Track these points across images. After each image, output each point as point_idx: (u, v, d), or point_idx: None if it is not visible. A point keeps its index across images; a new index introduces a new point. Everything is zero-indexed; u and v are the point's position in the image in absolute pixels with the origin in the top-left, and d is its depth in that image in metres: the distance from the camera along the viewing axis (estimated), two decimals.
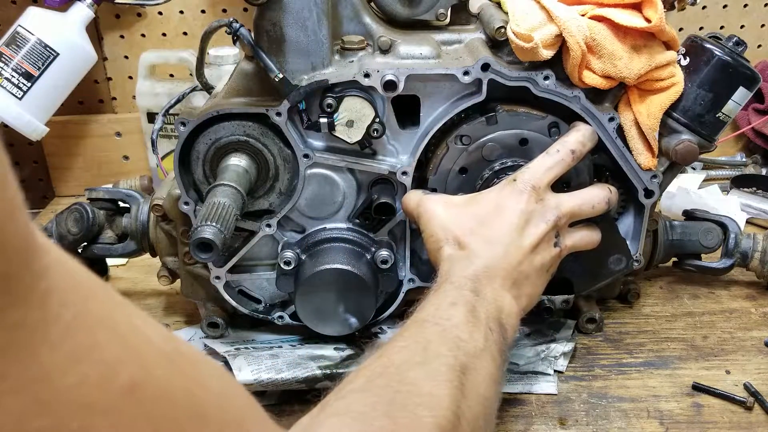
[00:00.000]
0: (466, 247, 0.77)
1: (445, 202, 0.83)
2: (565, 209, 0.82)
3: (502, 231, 0.78)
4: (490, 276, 0.74)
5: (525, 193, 0.80)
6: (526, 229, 0.79)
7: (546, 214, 0.80)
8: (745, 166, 1.49)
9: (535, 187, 0.80)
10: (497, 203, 0.80)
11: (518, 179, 0.81)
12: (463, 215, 0.80)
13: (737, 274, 1.10)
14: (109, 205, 1.00)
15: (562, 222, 0.81)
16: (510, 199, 0.80)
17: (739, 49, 0.88)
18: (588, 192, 0.85)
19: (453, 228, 0.79)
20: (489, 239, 0.77)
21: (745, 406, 0.85)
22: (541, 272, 0.80)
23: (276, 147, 0.86)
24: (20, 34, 1.25)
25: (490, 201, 0.81)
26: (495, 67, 0.84)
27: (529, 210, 0.79)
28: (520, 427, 0.83)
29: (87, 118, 1.50)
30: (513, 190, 0.80)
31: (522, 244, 0.78)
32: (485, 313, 0.70)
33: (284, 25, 0.82)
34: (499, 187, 0.82)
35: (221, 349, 0.90)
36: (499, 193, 0.81)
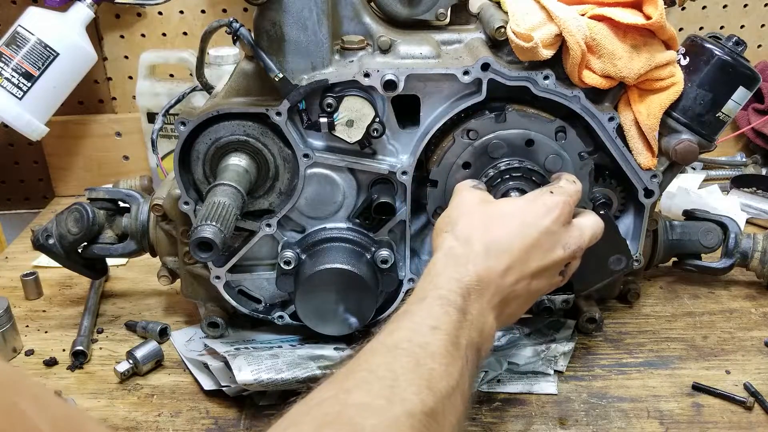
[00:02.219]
0: (469, 246, 0.72)
1: (482, 198, 0.79)
2: (586, 240, 0.77)
3: (513, 243, 0.72)
4: (482, 290, 0.69)
5: (556, 211, 0.74)
6: (539, 251, 0.73)
7: (568, 241, 0.75)
8: (745, 166, 1.49)
9: (569, 209, 0.75)
10: (526, 211, 0.74)
11: (555, 192, 0.76)
12: (485, 211, 0.76)
13: (737, 274, 1.10)
14: (109, 205, 1.00)
15: (578, 254, 0.77)
16: (539, 212, 0.74)
17: (739, 49, 0.88)
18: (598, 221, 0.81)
19: (468, 218, 0.75)
20: (496, 247, 0.71)
21: (745, 406, 0.85)
22: (533, 297, 0.76)
23: (276, 147, 0.86)
24: (20, 34, 1.26)
25: (517, 208, 0.76)
26: (495, 67, 0.84)
27: (552, 231, 0.73)
28: (520, 427, 0.83)
29: (87, 118, 1.50)
30: (545, 203, 0.75)
31: (528, 266, 0.72)
32: (467, 339, 0.64)
33: (284, 25, 0.82)
34: (531, 196, 0.78)
35: (221, 349, 0.90)
36: (531, 201, 0.76)
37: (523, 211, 0.75)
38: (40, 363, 0.96)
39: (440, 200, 0.89)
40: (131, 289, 1.15)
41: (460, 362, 0.62)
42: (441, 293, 0.66)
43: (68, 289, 1.15)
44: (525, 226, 0.73)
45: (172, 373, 0.94)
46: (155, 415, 0.86)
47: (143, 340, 0.98)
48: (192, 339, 0.99)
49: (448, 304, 0.65)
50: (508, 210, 0.76)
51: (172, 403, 0.88)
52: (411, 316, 0.65)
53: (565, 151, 0.87)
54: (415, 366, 0.58)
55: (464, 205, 0.77)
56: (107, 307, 1.10)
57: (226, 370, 0.86)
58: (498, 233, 0.72)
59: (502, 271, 0.70)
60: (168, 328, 1.00)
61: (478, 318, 0.67)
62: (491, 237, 0.72)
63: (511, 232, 0.73)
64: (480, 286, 0.69)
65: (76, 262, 1.00)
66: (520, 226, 0.73)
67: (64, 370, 0.95)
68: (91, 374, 0.94)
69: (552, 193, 0.76)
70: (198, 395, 0.90)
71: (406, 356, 0.59)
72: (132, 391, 0.91)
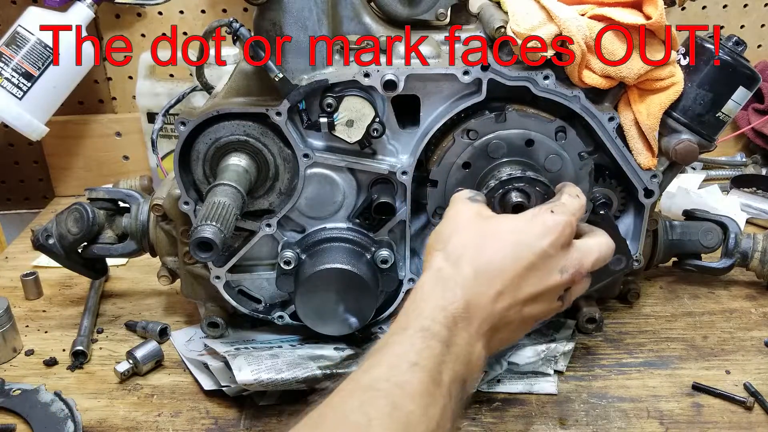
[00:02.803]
0: (459, 268, 0.67)
1: (478, 212, 0.74)
2: (588, 265, 0.72)
3: (506, 266, 0.67)
4: (469, 318, 0.64)
5: (555, 233, 0.69)
6: (534, 275, 0.68)
7: (566, 265, 0.70)
8: (745, 166, 1.49)
9: (570, 230, 0.70)
10: (522, 231, 0.69)
11: (556, 211, 0.71)
12: (479, 228, 0.71)
13: (737, 274, 1.10)
14: (109, 205, 1.00)
15: (578, 280, 0.71)
16: (536, 233, 0.69)
17: (739, 49, 0.88)
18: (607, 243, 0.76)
19: (460, 236, 0.70)
20: (487, 270, 0.67)
21: (745, 406, 0.85)
22: (527, 323, 0.71)
23: (276, 147, 0.86)
24: (20, 34, 1.26)
25: (513, 228, 0.70)
26: (495, 67, 0.84)
27: (549, 254, 0.68)
28: (520, 427, 0.83)
29: (87, 118, 1.50)
30: (544, 223, 0.70)
31: (521, 291, 0.67)
32: (450, 374, 0.60)
33: (284, 25, 0.82)
34: (530, 214, 0.72)
35: (221, 349, 0.90)
36: (529, 220, 0.71)
37: (519, 230, 0.70)
38: (40, 363, 0.96)
39: (440, 200, 0.89)
40: (131, 289, 1.15)
41: (441, 402, 0.58)
42: (424, 323, 0.62)
43: (68, 289, 1.16)
44: (520, 247, 0.68)
45: (172, 373, 0.94)
46: (155, 415, 0.86)
47: (143, 340, 0.98)
48: (192, 339, 0.99)
49: (431, 336, 0.61)
50: (503, 228, 0.71)
51: (172, 403, 0.88)
52: (391, 350, 0.61)
53: (565, 151, 0.87)
54: (391, 410, 0.55)
55: (458, 220, 0.73)
56: (107, 307, 1.10)
57: (226, 370, 0.86)
58: (491, 254, 0.68)
59: (493, 297, 0.66)
60: (168, 328, 1.00)
61: (465, 348, 0.63)
62: (483, 259, 0.68)
63: (505, 254, 0.68)
64: (468, 313, 0.64)
65: (76, 262, 1.00)
66: (514, 247, 0.68)
67: (64, 370, 0.95)
68: (91, 374, 0.94)
69: (552, 213, 0.71)
70: (198, 395, 0.90)
71: (383, 398, 0.56)
72: (132, 391, 0.91)
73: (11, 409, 0.86)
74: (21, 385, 0.90)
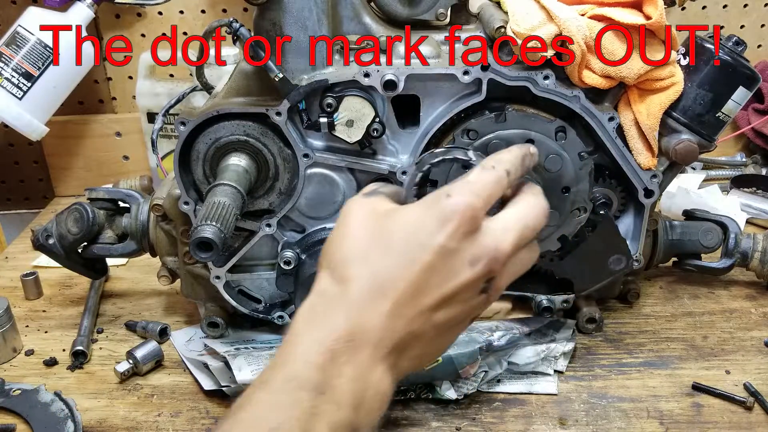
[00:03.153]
0: (345, 286, 0.56)
1: (372, 210, 0.60)
2: (507, 247, 0.58)
3: (397, 275, 0.55)
4: (357, 346, 0.54)
5: (452, 222, 0.56)
6: (435, 276, 0.56)
7: (476, 255, 0.57)
8: (745, 166, 1.49)
9: (472, 214, 0.56)
10: (414, 226, 0.57)
11: (454, 193, 0.57)
12: (370, 231, 0.58)
13: (737, 274, 1.10)
14: (109, 205, 1.00)
15: (497, 268, 0.58)
16: (429, 226, 0.56)
17: (739, 49, 0.88)
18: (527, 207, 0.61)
19: (348, 245, 0.58)
20: (377, 283, 0.55)
21: (745, 406, 0.85)
22: (446, 331, 0.59)
23: (276, 147, 0.86)
24: (20, 34, 1.26)
25: (407, 220, 0.58)
26: (495, 67, 0.84)
27: (449, 249, 0.56)
28: (520, 427, 0.83)
29: (87, 118, 1.50)
30: (439, 213, 0.56)
31: (424, 299, 0.56)
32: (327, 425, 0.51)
33: (284, 25, 0.82)
34: (425, 203, 0.59)
35: (221, 349, 0.90)
36: (423, 211, 0.58)
37: (411, 226, 0.57)
38: (40, 363, 0.96)
39: None
40: (131, 289, 1.15)
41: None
42: (291, 371, 0.52)
43: (68, 289, 1.16)
44: (412, 248, 0.56)
45: (172, 373, 0.94)
46: (155, 415, 0.86)
47: (143, 340, 0.98)
48: (192, 339, 0.99)
49: (299, 387, 0.51)
50: (394, 227, 0.58)
51: (172, 403, 0.88)
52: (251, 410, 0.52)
53: (565, 151, 0.87)
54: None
55: (347, 224, 0.60)
56: (107, 307, 1.10)
57: (226, 370, 0.86)
58: (380, 262, 0.56)
59: (389, 312, 0.55)
60: (168, 328, 1.00)
61: (352, 386, 0.53)
62: (372, 269, 0.56)
63: (397, 260, 0.56)
64: (354, 341, 0.54)
65: (76, 262, 1.00)
66: (406, 248, 0.56)
67: (64, 370, 0.95)
68: (91, 374, 0.94)
69: (449, 197, 0.57)
70: (198, 395, 0.90)
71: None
72: (132, 391, 0.91)
73: (11, 409, 0.86)
74: (21, 385, 0.90)
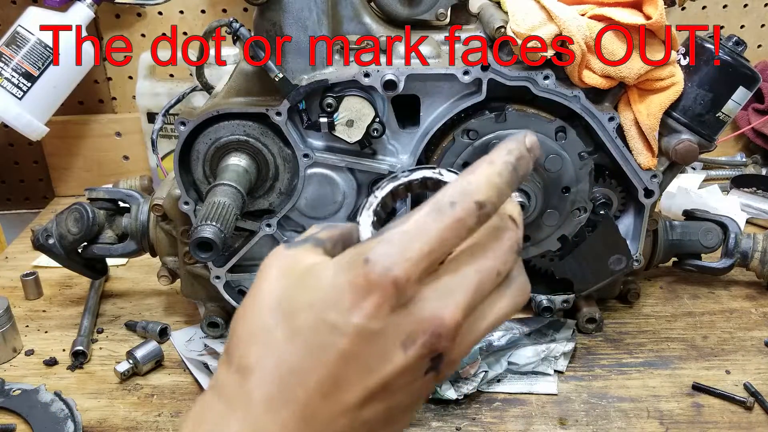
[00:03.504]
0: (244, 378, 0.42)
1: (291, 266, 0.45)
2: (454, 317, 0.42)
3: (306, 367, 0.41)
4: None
5: (373, 296, 0.40)
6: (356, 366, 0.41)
7: (410, 335, 0.41)
8: (745, 166, 1.49)
9: (398, 285, 0.40)
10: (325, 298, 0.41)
11: (373, 260, 0.40)
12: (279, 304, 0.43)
13: (737, 274, 1.10)
14: (109, 205, 1.00)
15: (444, 343, 0.42)
16: (343, 301, 0.41)
17: (739, 49, 0.88)
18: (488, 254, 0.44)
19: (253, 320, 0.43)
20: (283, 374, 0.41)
21: (745, 406, 0.85)
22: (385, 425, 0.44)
23: (276, 147, 0.86)
24: (20, 34, 1.26)
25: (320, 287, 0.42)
26: (495, 67, 0.84)
27: (372, 329, 0.40)
28: (520, 427, 0.83)
29: (87, 118, 1.50)
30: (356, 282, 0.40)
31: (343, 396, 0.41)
32: None
33: (284, 25, 0.82)
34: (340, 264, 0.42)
35: (221, 349, 0.90)
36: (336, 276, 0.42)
37: (322, 299, 0.42)
38: (40, 363, 0.96)
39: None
40: (131, 289, 1.15)
41: None
42: None
43: (68, 289, 1.15)
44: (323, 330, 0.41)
45: (172, 373, 0.94)
46: (155, 415, 0.86)
47: (143, 340, 0.98)
48: (192, 339, 0.99)
49: None
50: (306, 297, 0.42)
51: (172, 403, 0.88)
52: None
53: (565, 151, 0.87)
54: None
55: (259, 288, 0.45)
56: (107, 307, 1.10)
57: None
58: (286, 348, 0.42)
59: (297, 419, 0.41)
60: (168, 328, 1.00)
61: None
62: (277, 356, 0.42)
63: (305, 346, 0.41)
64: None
65: (76, 262, 1.00)
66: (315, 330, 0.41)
67: (64, 370, 0.95)
68: (91, 374, 0.94)
69: (367, 262, 0.40)
70: (198, 395, 0.89)
71: None
72: (132, 391, 0.91)
73: (11, 409, 0.86)
74: (21, 385, 0.90)
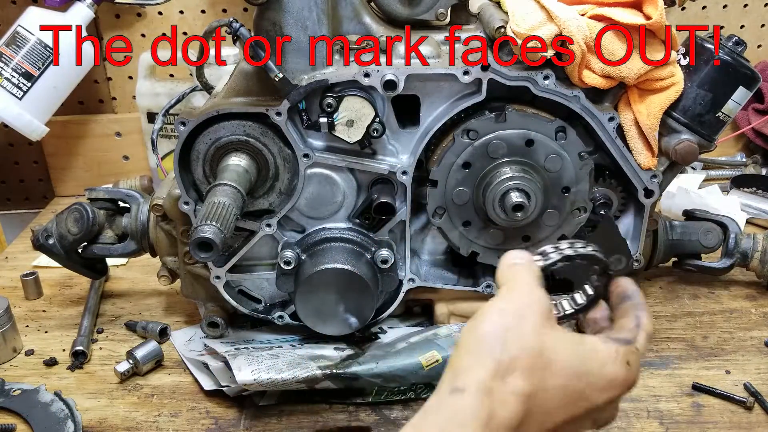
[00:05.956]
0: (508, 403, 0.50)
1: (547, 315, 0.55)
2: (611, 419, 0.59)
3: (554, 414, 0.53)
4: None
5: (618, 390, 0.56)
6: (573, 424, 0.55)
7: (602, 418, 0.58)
8: (745, 166, 1.49)
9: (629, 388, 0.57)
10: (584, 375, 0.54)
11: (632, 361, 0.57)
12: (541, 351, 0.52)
13: (737, 274, 1.10)
14: (109, 205, 1.00)
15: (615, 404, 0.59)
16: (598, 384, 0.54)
17: (739, 49, 0.88)
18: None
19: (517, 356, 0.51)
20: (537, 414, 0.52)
21: (745, 406, 0.85)
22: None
23: (276, 147, 0.86)
24: (20, 34, 1.26)
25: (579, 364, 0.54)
26: (495, 67, 0.84)
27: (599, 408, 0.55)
28: None
29: (87, 118, 1.50)
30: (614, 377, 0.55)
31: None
32: None
33: (284, 25, 0.82)
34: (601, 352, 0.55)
35: (221, 349, 0.90)
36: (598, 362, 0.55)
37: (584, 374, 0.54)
38: (40, 363, 0.96)
39: (440, 200, 0.89)
40: (131, 289, 1.15)
41: None
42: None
43: (68, 289, 1.15)
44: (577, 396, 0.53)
45: (172, 373, 0.94)
46: (155, 415, 0.86)
47: (143, 340, 0.98)
48: (192, 339, 0.99)
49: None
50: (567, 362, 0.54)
51: (172, 403, 0.88)
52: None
53: (565, 151, 0.87)
54: None
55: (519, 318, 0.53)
56: (107, 307, 1.10)
57: (226, 370, 0.86)
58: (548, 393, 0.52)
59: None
60: (168, 328, 1.00)
61: None
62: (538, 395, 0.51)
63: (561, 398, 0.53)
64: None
65: (76, 262, 1.00)
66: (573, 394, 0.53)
67: (64, 370, 0.95)
68: (91, 374, 0.94)
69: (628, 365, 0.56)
70: (198, 395, 0.90)
71: None
72: (132, 391, 0.91)
73: (11, 409, 0.86)
74: (21, 385, 0.90)
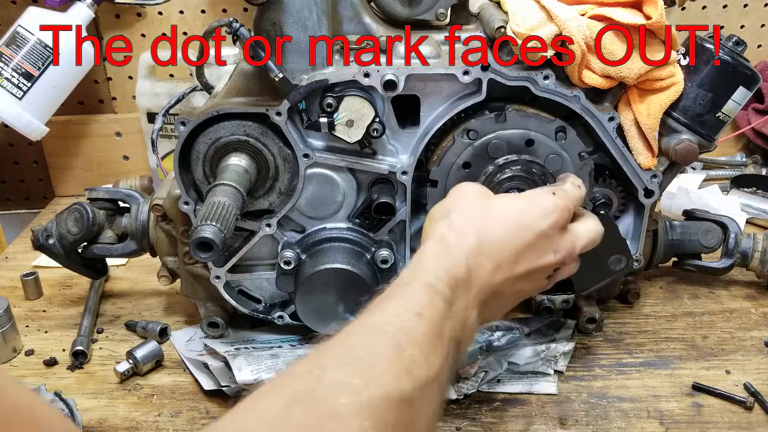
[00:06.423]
0: (463, 237, 0.69)
1: (481, 192, 0.76)
2: (579, 248, 0.76)
3: (506, 242, 0.70)
4: (469, 285, 0.67)
5: (554, 215, 0.72)
6: (530, 253, 0.72)
7: (559, 247, 0.74)
8: (745, 166, 1.49)
9: (568, 215, 0.74)
10: (521, 211, 0.73)
11: (558, 194, 0.75)
12: (483, 205, 0.73)
13: (737, 274, 1.10)
14: (109, 205, 1.00)
15: (569, 261, 0.76)
16: (535, 213, 0.72)
17: (739, 49, 0.88)
18: (596, 227, 0.79)
19: (464, 210, 0.72)
20: (490, 243, 0.70)
21: (745, 406, 0.85)
22: (516, 298, 0.75)
23: (276, 147, 0.86)
24: (20, 34, 1.26)
25: (516, 207, 0.74)
26: (495, 67, 0.84)
27: (547, 235, 0.72)
28: (520, 427, 0.83)
29: (87, 118, 1.50)
30: (545, 205, 0.73)
31: (518, 266, 0.71)
32: (450, 331, 0.62)
33: (284, 25, 0.82)
34: (534, 194, 0.76)
35: (221, 349, 0.90)
36: (529, 201, 0.74)
37: (521, 210, 0.73)
38: (40, 363, 0.96)
39: (440, 200, 0.89)
40: (131, 289, 1.15)
41: (442, 352, 0.59)
42: (428, 280, 0.64)
43: (68, 289, 1.16)
44: (521, 226, 0.71)
45: (172, 373, 0.94)
46: (155, 415, 0.86)
47: (143, 340, 0.98)
48: (192, 339, 0.99)
49: (435, 293, 0.63)
50: (506, 208, 0.74)
51: (172, 403, 0.88)
52: (395, 300, 0.63)
53: (565, 151, 0.87)
54: (396, 350, 0.56)
55: (462, 196, 0.75)
56: (107, 307, 1.10)
57: (226, 370, 0.86)
58: (493, 229, 0.71)
59: (492, 269, 0.69)
60: (168, 328, 1.00)
61: (463, 312, 0.65)
62: (486, 232, 0.70)
63: (507, 231, 0.71)
64: (468, 280, 0.67)
65: (76, 262, 1.00)
66: (516, 225, 0.71)
67: (64, 370, 0.95)
68: (91, 374, 0.94)
69: (554, 195, 0.74)
70: (198, 395, 0.90)
71: (388, 339, 0.57)
72: (132, 391, 0.91)
73: None
74: None
